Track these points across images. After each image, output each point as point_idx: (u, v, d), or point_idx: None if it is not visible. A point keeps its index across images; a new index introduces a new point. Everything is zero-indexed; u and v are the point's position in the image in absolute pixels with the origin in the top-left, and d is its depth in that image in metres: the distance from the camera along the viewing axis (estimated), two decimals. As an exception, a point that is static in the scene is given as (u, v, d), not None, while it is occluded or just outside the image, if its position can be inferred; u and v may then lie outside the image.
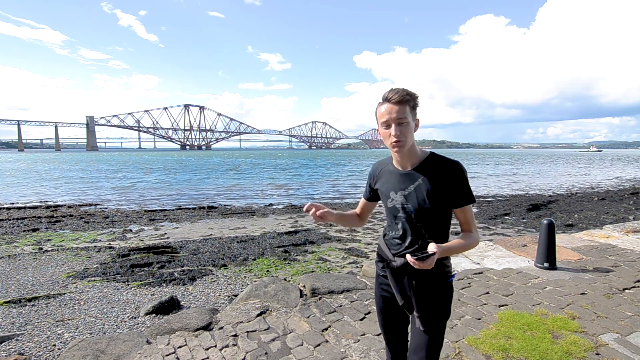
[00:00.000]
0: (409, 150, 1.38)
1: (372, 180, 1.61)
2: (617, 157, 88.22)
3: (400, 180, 1.43)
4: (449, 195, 1.36)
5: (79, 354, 2.59)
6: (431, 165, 1.38)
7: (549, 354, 2.40)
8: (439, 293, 1.43)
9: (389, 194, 1.47)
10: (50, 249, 7.07)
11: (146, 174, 31.00)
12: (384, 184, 1.51)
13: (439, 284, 1.43)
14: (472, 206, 1.41)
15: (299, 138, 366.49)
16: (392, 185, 1.46)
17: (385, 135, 1.36)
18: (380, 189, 1.54)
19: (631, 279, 3.78)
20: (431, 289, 1.41)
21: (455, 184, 1.35)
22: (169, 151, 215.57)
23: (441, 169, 1.36)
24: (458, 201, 1.37)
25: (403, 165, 1.44)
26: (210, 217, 11.30)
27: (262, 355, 2.54)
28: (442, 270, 1.44)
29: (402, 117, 1.31)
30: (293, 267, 5.83)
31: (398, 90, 1.32)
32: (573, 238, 5.60)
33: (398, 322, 1.57)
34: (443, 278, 1.44)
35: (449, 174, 1.35)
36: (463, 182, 1.35)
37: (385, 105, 1.34)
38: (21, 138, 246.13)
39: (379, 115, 1.37)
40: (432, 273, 1.39)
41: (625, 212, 11.01)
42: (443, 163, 1.37)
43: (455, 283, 3.76)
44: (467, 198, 1.37)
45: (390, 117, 1.31)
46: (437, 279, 1.43)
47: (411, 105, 1.33)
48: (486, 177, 28.28)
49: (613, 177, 26.92)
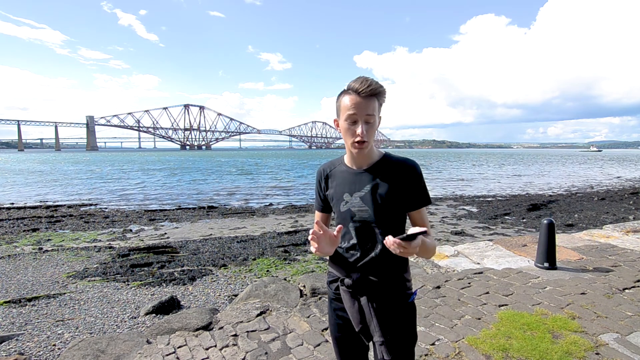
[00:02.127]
0: (368, 149, 1.25)
1: (321, 186, 1.41)
2: (616, 157, 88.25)
3: (354, 181, 1.28)
4: (406, 196, 1.25)
5: (79, 354, 2.59)
6: (387, 165, 1.27)
7: (549, 354, 2.40)
8: (403, 314, 1.28)
9: (342, 196, 1.30)
10: (50, 249, 7.07)
11: (171, 175, 30.45)
12: (336, 186, 1.33)
13: (402, 303, 1.28)
14: (428, 207, 1.29)
15: (299, 138, 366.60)
16: (345, 186, 1.30)
17: (348, 132, 1.20)
18: (332, 193, 1.34)
19: (631, 278, 3.78)
20: (394, 309, 1.26)
21: (413, 184, 1.25)
22: (169, 151, 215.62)
23: (397, 170, 1.25)
24: (415, 203, 1.26)
25: (358, 164, 1.29)
26: (210, 217, 11.30)
27: (262, 355, 2.54)
28: (404, 286, 1.29)
29: (370, 113, 1.16)
30: (293, 267, 5.82)
31: (369, 82, 1.15)
32: (573, 238, 5.60)
33: (358, 352, 1.37)
34: (405, 296, 1.29)
35: (405, 175, 1.24)
36: (420, 182, 1.26)
37: (353, 96, 1.16)
38: (21, 138, 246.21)
39: (342, 107, 1.19)
40: (393, 289, 1.27)
41: (625, 212, 11.01)
42: (399, 164, 1.26)
43: (455, 283, 3.76)
44: (424, 199, 1.27)
45: (359, 112, 1.15)
46: (399, 297, 1.28)
47: (380, 101, 1.19)
48: (485, 177, 28.29)
49: (613, 177, 26.93)
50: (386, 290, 1.26)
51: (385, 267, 1.26)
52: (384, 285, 1.26)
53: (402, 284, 1.30)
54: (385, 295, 1.26)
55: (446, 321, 2.94)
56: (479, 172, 33.98)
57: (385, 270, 1.26)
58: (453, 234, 8.52)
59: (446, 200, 14.82)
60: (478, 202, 14.28)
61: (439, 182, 23.55)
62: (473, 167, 41.43)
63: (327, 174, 1.38)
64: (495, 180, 25.36)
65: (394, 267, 1.28)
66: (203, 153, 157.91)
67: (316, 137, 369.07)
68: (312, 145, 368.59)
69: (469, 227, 9.35)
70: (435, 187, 20.22)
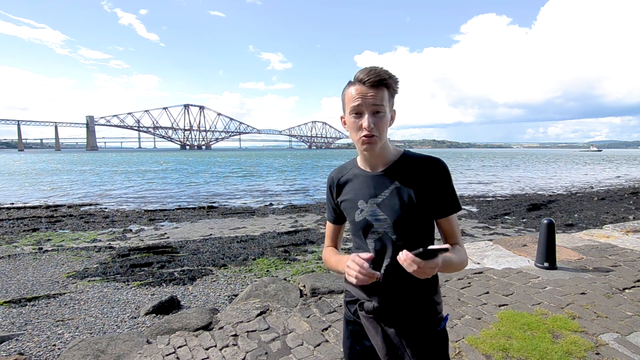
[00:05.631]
0: (382, 147, 1.07)
1: (333, 193, 1.23)
2: (616, 157, 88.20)
3: (370, 185, 1.11)
4: (433, 201, 1.07)
5: (79, 354, 2.59)
6: (408, 164, 1.09)
7: (549, 354, 2.40)
8: (434, 343, 1.10)
9: (356, 203, 1.13)
10: (50, 249, 7.07)
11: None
12: (349, 192, 1.16)
13: (432, 330, 1.10)
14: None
15: (299, 138, 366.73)
16: (360, 192, 1.12)
17: (354, 127, 1.04)
18: (345, 200, 1.17)
19: (631, 278, 3.78)
20: (423, 337, 1.09)
21: (440, 187, 1.06)
22: (169, 151, 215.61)
23: (421, 169, 1.07)
24: (443, 209, 1.08)
25: (373, 166, 1.12)
26: (210, 217, 11.30)
27: (262, 355, 2.54)
28: (434, 310, 1.11)
29: (378, 104, 1.00)
30: (293, 267, 5.82)
31: (377, 70, 1.00)
32: (573, 238, 5.60)
33: None
34: (435, 322, 1.11)
35: (432, 174, 1.06)
36: (448, 185, 1.08)
37: (357, 86, 1.01)
38: (21, 138, 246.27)
39: (347, 99, 1.05)
40: (421, 315, 1.09)
41: (625, 212, 11.01)
42: (423, 161, 1.08)
43: (455, 283, 3.76)
44: (453, 205, 1.09)
45: (364, 102, 0.99)
46: (429, 323, 1.10)
47: (391, 91, 1.04)
48: (483, 178, 28.28)
49: (613, 177, 26.93)
50: (414, 316, 1.09)
51: (411, 288, 1.08)
52: (410, 310, 1.09)
53: (432, 307, 1.11)
54: (413, 322, 1.09)
55: (446, 321, 2.94)
56: (493, 172, 33.95)
57: (411, 291, 1.09)
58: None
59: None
60: (478, 202, 14.28)
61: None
62: (483, 168, 41.04)
63: (339, 180, 1.21)
64: (495, 180, 25.34)
65: (422, 288, 1.10)
66: (203, 153, 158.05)
67: (316, 137, 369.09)
68: (312, 145, 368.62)
69: (469, 227, 9.34)
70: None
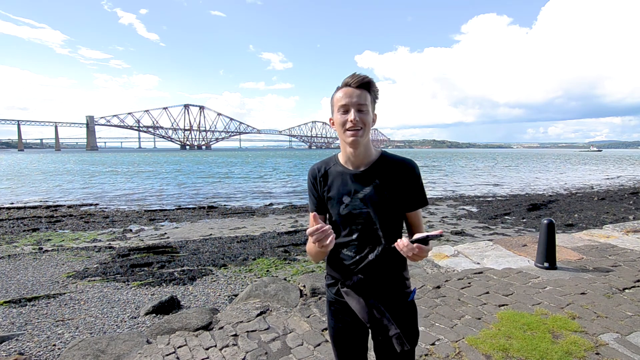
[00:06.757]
0: (365, 146, 1.24)
1: (315, 186, 1.35)
2: (615, 157, 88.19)
3: (354, 182, 1.26)
4: (405, 197, 1.25)
5: (79, 354, 2.59)
6: (386, 164, 1.26)
7: (549, 354, 2.40)
8: (405, 312, 1.29)
9: (341, 198, 1.26)
10: (50, 249, 7.07)
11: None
12: (334, 189, 1.29)
13: (402, 301, 1.30)
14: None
15: (299, 138, 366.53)
16: (344, 188, 1.26)
17: (340, 122, 1.20)
18: (330, 196, 1.30)
19: (631, 278, 3.78)
20: (396, 307, 1.28)
21: (412, 186, 1.25)
22: (169, 151, 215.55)
23: (397, 170, 1.24)
24: (413, 204, 1.26)
25: (356, 164, 1.27)
26: (210, 217, 11.30)
27: (262, 355, 2.54)
28: (403, 285, 1.31)
29: (362, 103, 1.17)
30: (293, 267, 5.82)
31: (361, 75, 1.19)
32: (573, 238, 5.60)
33: (358, 354, 1.37)
34: (404, 295, 1.30)
35: (405, 175, 1.24)
36: (419, 183, 1.27)
37: (344, 89, 1.20)
38: (21, 138, 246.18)
39: (335, 101, 1.22)
40: (393, 289, 1.29)
41: (625, 212, 11.01)
42: (399, 164, 1.26)
43: (455, 283, 3.76)
44: (422, 200, 1.28)
45: (350, 101, 1.17)
46: (399, 296, 1.29)
47: (372, 95, 1.22)
48: (484, 178, 28.28)
49: (613, 177, 26.92)
50: (387, 290, 1.28)
51: (386, 267, 1.27)
52: (384, 285, 1.27)
53: (402, 282, 1.31)
54: (388, 293, 1.28)
55: (446, 321, 2.94)
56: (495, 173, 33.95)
57: (386, 270, 1.28)
58: (453, 234, 8.51)
59: (446, 200, 14.82)
60: (478, 202, 14.28)
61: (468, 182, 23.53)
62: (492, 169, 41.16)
63: (323, 174, 1.33)
64: (494, 179, 25.34)
65: (395, 267, 1.29)
66: (203, 153, 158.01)
67: (316, 137, 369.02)
68: (312, 145, 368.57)
69: (469, 227, 9.35)
70: (436, 187, 20.21)
